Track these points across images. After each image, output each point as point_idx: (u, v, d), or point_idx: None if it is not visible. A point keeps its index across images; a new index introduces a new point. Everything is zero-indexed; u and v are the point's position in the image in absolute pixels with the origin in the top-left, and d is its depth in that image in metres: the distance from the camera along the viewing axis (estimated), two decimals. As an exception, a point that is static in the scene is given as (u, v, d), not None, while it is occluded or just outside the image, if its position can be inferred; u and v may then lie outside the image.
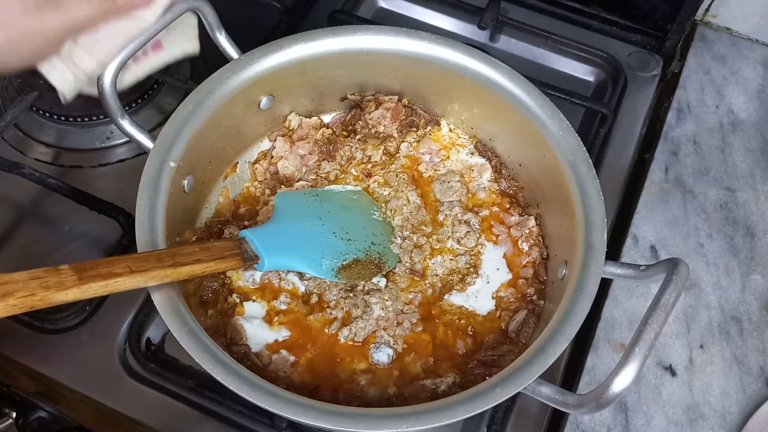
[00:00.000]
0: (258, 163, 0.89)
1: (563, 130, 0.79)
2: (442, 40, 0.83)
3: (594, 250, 0.71)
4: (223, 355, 0.64)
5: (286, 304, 0.79)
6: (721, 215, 0.99)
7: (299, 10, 1.15)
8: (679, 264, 0.65)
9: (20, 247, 0.92)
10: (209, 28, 0.80)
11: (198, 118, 0.76)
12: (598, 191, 0.75)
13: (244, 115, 0.84)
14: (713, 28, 1.19)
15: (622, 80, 1.11)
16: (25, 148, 1.00)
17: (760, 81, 1.12)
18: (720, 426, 0.84)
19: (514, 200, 0.88)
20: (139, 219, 0.69)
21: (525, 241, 0.85)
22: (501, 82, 0.82)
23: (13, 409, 0.89)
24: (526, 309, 0.80)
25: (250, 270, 0.80)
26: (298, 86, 0.87)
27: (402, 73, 0.88)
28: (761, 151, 1.05)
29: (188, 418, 0.81)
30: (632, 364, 0.60)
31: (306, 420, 0.61)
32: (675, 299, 0.63)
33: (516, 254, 0.84)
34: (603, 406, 0.60)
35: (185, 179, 0.77)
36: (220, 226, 0.83)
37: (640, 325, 0.62)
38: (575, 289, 0.69)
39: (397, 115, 0.90)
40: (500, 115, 0.85)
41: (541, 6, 1.18)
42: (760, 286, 0.94)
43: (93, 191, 0.91)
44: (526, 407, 0.83)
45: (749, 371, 0.87)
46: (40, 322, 0.85)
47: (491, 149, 0.90)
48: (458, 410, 0.63)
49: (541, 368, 0.64)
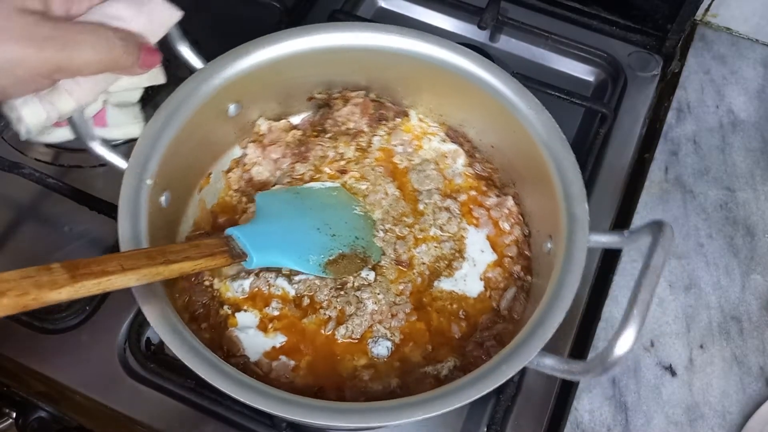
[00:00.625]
0: (231, 172, 0.88)
1: (533, 108, 0.79)
2: (406, 31, 0.83)
3: (577, 222, 0.72)
4: (234, 371, 0.63)
5: (278, 310, 0.79)
6: (721, 215, 0.99)
7: (299, 10, 1.15)
8: (664, 226, 0.66)
9: (20, 247, 0.92)
10: (171, 40, 0.78)
11: (169, 133, 0.75)
12: (574, 164, 0.76)
13: (214, 124, 0.83)
14: (713, 28, 1.19)
15: (622, 80, 1.11)
16: (24, 148, 1.00)
17: (760, 81, 1.12)
18: (720, 426, 0.84)
19: (490, 182, 0.89)
20: (123, 240, 0.68)
21: (505, 220, 0.86)
22: (467, 67, 0.82)
23: (13, 409, 0.89)
24: (515, 286, 0.81)
25: (238, 280, 0.80)
26: (265, 90, 0.86)
27: (368, 68, 0.87)
28: (761, 151, 1.05)
29: (188, 418, 0.81)
30: (632, 325, 0.61)
31: (319, 421, 0.61)
32: (664, 260, 0.64)
33: (498, 234, 0.86)
34: (608, 370, 0.60)
35: (162, 195, 0.75)
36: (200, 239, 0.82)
37: (634, 288, 0.63)
38: (564, 262, 0.70)
39: (366, 110, 0.90)
40: (468, 100, 0.85)
41: (541, 6, 1.18)
42: (760, 286, 0.94)
43: (93, 191, 0.91)
44: (526, 407, 0.84)
45: (749, 371, 0.87)
46: (40, 322, 0.85)
47: (462, 135, 0.91)
48: (468, 392, 0.63)
49: (542, 341, 0.65)
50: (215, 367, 0.63)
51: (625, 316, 0.61)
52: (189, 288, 0.78)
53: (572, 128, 1.08)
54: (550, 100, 1.00)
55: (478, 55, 0.83)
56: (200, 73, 0.79)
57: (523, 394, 0.84)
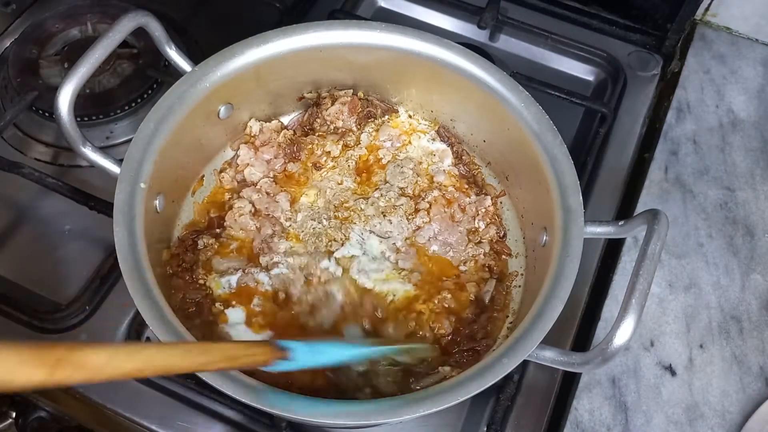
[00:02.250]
0: (224, 172, 0.88)
1: (524, 101, 0.80)
2: (393, 27, 0.83)
3: (572, 213, 0.72)
4: (234, 372, 0.63)
5: (260, 306, 0.79)
6: (721, 215, 0.99)
7: (298, 10, 1.15)
8: (659, 214, 0.66)
9: (19, 246, 0.92)
10: (158, 43, 0.78)
11: (161, 136, 0.75)
12: (566, 156, 0.76)
13: (205, 126, 0.83)
14: (713, 27, 1.19)
15: (621, 80, 1.11)
16: (24, 148, 1.00)
17: (759, 80, 1.12)
18: (720, 425, 0.84)
19: (472, 182, 0.90)
20: (120, 245, 0.67)
21: (482, 219, 0.87)
22: (456, 62, 0.82)
23: (13, 408, 0.89)
24: (492, 278, 0.83)
25: (226, 276, 0.81)
26: (255, 91, 0.86)
27: (356, 66, 0.88)
28: (761, 151, 1.05)
29: (188, 418, 0.81)
30: (631, 315, 0.61)
31: (318, 420, 0.62)
32: (660, 248, 0.64)
33: (473, 232, 0.87)
34: (607, 360, 0.61)
35: (156, 199, 0.76)
36: (193, 237, 0.82)
37: (632, 277, 0.63)
38: (560, 253, 0.70)
39: (354, 109, 0.91)
40: (458, 95, 0.86)
41: (540, 5, 1.18)
42: (760, 285, 0.93)
43: (92, 191, 0.91)
44: (525, 406, 0.83)
45: (749, 371, 0.87)
46: (40, 322, 0.85)
47: (454, 134, 0.92)
48: (470, 386, 0.63)
49: (542, 333, 0.65)
50: (227, 376, 0.63)
51: (624, 307, 0.62)
52: (184, 286, 0.79)
53: (572, 128, 1.08)
54: (550, 100, 1.00)
55: (467, 49, 0.83)
56: (189, 76, 0.79)
57: (523, 393, 0.84)
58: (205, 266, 0.81)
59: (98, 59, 0.73)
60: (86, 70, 0.72)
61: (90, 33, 1.08)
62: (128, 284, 0.66)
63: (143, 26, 0.77)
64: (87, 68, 0.72)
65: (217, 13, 0.79)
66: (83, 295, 0.86)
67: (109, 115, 1.01)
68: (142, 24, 0.77)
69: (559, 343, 0.85)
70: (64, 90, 0.71)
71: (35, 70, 1.03)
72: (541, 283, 0.70)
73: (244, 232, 0.84)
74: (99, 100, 1.01)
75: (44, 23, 1.07)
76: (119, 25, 0.74)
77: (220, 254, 0.83)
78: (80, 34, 1.08)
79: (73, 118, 0.71)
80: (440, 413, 0.69)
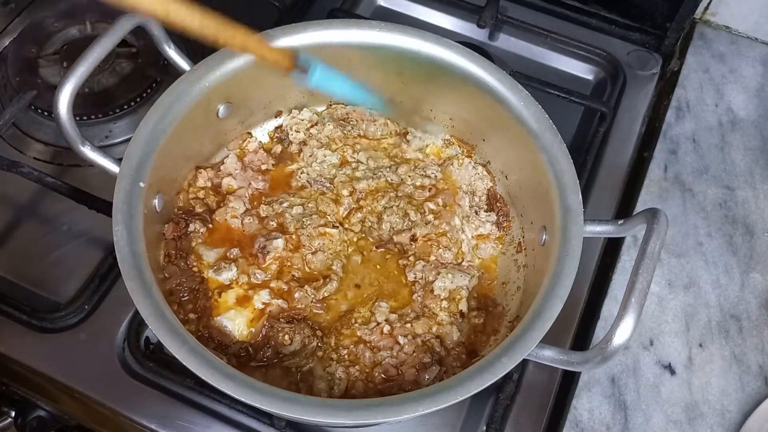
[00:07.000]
0: (205, 170, 0.86)
1: (523, 101, 0.80)
2: (392, 26, 0.83)
3: (572, 212, 0.72)
4: (234, 371, 0.63)
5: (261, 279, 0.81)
6: (721, 214, 0.99)
7: (298, 9, 1.15)
8: (658, 213, 0.66)
9: (19, 245, 0.92)
10: (157, 42, 0.78)
11: (161, 135, 0.75)
12: (566, 155, 0.76)
13: (204, 125, 0.83)
14: (712, 26, 1.19)
15: (621, 79, 1.11)
16: (23, 147, 1.00)
17: (759, 79, 1.12)
18: (719, 424, 0.84)
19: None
20: (119, 245, 0.67)
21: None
22: (456, 61, 0.82)
23: (12, 408, 0.89)
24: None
25: (224, 272, 0.80)
26: (254, 90, 0.86)
27: (356, 65, 0.87)
28: (760, 150, 1.05)
29: (187, 417, 0.81)
30: (630, 314, 0.61)
31: (318, 419, 0.62)
32: (660, 247, 0.64)
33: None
34: (607, 359, 0.61)
35: (155, 198, 0.76)
36: (184, 216, 0.82)
37: (631, 276, 0.63)
38: (560, 252, 0.70)
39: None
40: (457, 94, 0.86)
41: (540, 4, 1.18)
42: (759, 284, 0.94)
43: (91, 190, 0.91)
44: (525, 405, 0.83)
45: (748, 370, 0.87)
46: (39, 321, 0.85)
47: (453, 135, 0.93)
48: (470, 385, 0.63)
49: (542, 332, 0.65)
50: (214, 367, 0.63)
51: (623, 306, 0.61)
52: (179, 273, 0.79)
53: (572, 127, 1.08)
54: (550, 99, 1.00)
55: (466, 48, 0.83)
56: (189, 75, 0.78)
57: (523, 392, 0.84)
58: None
59: (97, 58, 0.73)
60: (85, 69, 0.72)
61: (89, 32, 1.08)
62: (127, 284, 0.66)
63: (142, 25, 0.77)
64: (86, 67, 0.72)
65: (216, 12, 0.79)
66: (82, 295, 0.86)
67: (109, 114, 1.00)
68: (142, 23, 0.77)
69: (559, 342, 0.85)
70: (63, 89, 0.71)
71: (34, 69, 1.03)
72: (541, 282, 0.70)
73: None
74: (98, 99, 1.01)
75: (43, 22, 1.07)
76: (118, 24, 0.74)
77: (206, 243, 0.83)
78: (79, 33, 1.08)
79: (72, 117, 0.71)
80: (440, 412, 0.69)
